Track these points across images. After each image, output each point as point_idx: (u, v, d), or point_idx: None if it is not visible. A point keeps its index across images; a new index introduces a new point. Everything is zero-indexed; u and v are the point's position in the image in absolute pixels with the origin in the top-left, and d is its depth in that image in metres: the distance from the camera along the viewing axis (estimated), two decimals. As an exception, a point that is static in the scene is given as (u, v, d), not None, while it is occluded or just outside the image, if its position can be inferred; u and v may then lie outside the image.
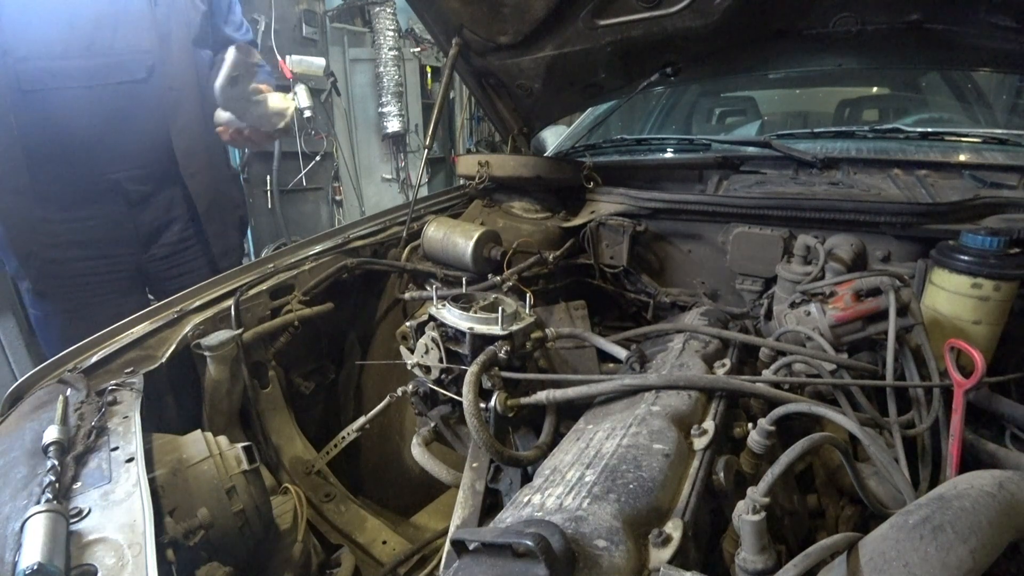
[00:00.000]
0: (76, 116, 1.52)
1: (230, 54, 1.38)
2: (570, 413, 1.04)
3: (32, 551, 0.61)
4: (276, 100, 1.59)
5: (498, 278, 1.51)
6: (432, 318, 1.13)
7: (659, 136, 2.27)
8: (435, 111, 1.89)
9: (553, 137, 2.45)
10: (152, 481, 0.81)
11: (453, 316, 1.10)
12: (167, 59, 1.61)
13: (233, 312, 1.28)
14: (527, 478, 0.94)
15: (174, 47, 1.62)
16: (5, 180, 1.50)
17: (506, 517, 0.70)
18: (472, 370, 0.97)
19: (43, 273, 1.61)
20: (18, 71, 1.44)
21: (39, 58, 1.46)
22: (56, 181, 1.56)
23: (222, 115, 1.62)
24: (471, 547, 0.60)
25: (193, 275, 1.73)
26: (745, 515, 0.62)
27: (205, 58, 1.71)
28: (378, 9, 5.41)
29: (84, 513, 0.71)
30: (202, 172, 1.77)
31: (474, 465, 1.02)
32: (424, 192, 2.36)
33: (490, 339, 1.05)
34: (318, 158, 5.04)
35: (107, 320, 1.18)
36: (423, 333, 1.15)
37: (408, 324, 1.21)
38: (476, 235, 1.54)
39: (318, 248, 1.56)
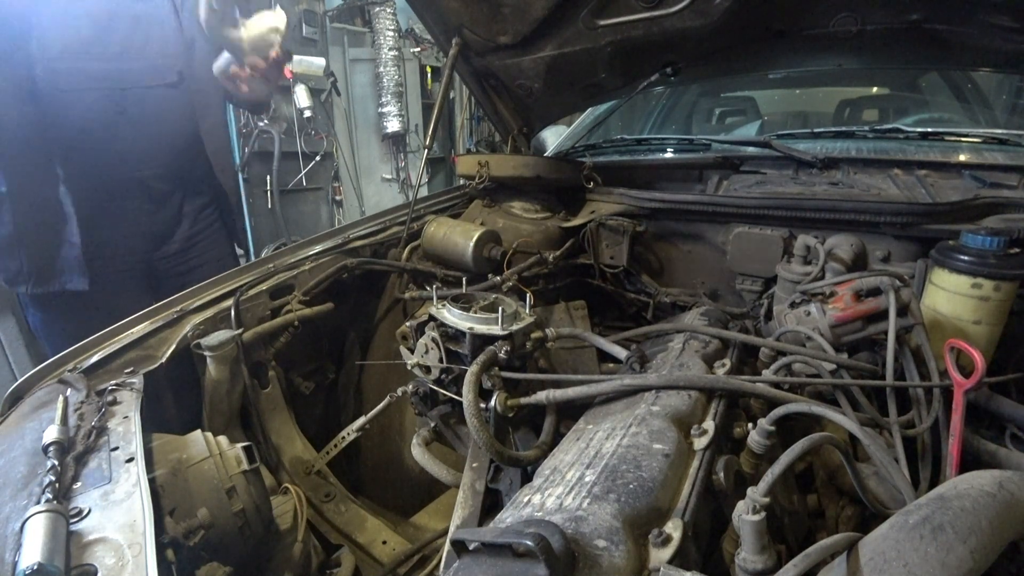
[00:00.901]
0: (108, 117, 1.55)
1: None
2: (570, 413, 1.04)
3: (32, 551, 0.61)
4: (263, 18, 1.52)
5: (498, 278, 1.51)
6: (432, 318, 1.14)
7: (659, 136, 2.27)
8: (435, 111, 1.89)
9: (553, 137, 2.45)
10: (152, 481, 0.81)
11: (453, 316, 1.10)
12: (192, 63, 1.64)
13: (233, 312, 1.28)
14: (527, 478, 0.94)
15: (198, 52, 1.65)
16: (29, 177, 1.51)
17: (506, 517, 0.70)
18: (472, 370, 0.97)
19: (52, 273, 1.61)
20: (53, 71, 1.46)
21: (74, 59, 1.49)
22: (85, 179, 1.57)
23: (220, 61, 1.57)
24: (471, 547, 0.61)
25: (201, 270, 1.77)
26: (745, 515, 0.62)
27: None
28: (378, 9, 5.41)
29: (84, 513, 0.71)
30: (227, 170, 1.83)
31: (474, 465, 1.03)
32: (424, 192, 2.36)
33: (490, 339, 1.05)
34: (318, 158, 5.04)
35: (114, 322, 1.18)
36: (423, 333, 1.15)
37: (408, 324, 1.21)
38: (476, 235, 1.54)
39: (318, 248, 1.56)
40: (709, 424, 0.81)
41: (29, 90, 1.44)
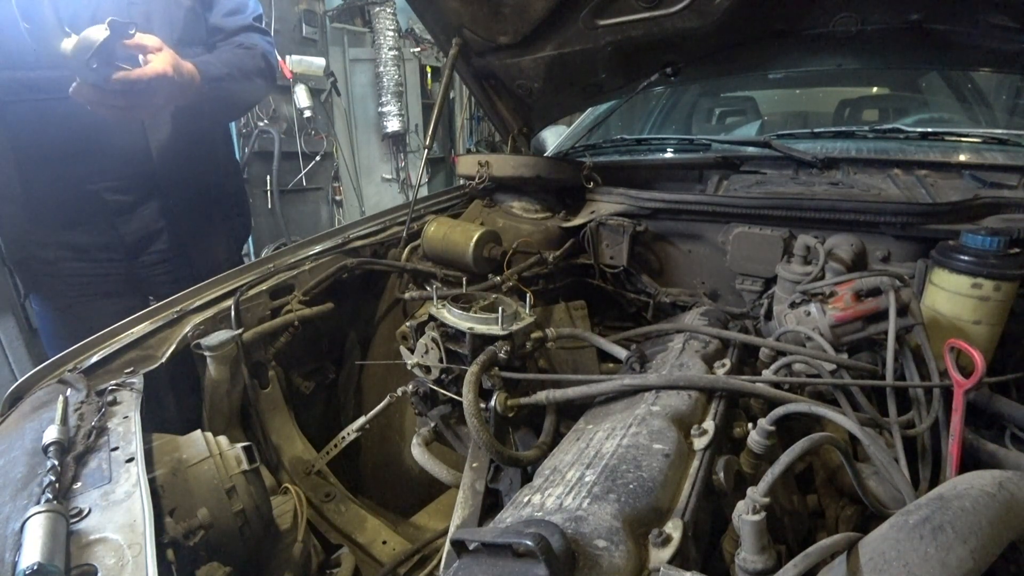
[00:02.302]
0: (52, 128, 1.48)
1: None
2: (570, 413, 1.04)
3: (32, 551, 0.61)
4: (85, 34, 1.22)
5: (498, 278, 1.51)
6: (432, 318, 1.14)
7: (659, 136, 2.28)
8: (435, 111, 1.89)
9: (553, 137, 2.45)
10: (152, 481, 0.81)
11: (453, 316, 1.10)
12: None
13: (233, 312, 1.28)
14: (527, 478, 0.94)
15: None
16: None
17: (506, 517, 0.70)
18: (472, 370, 0.97)
19: (37, 273, 1.61)
20: None
21: (12, 68, 1.42)
22: (41, 192, 1.54)
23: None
24: (471, 547, 0.61)
25: (186, 282, 1.68)
26: (745, 515, 0.62)
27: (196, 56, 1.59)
28: (378, 9, 5.42)
29: (84, 513, 0.71)
30: (187, 183, 1.70)
31: (474, 465, 1.02)
32: (424, 192, 2.36)
33: (490, 339, 1.05)
34: (318, 158, 5.04)
35: (102, 320, 1.17)
36: (423, 333, 1.15)
37: (408, 324, 1.21)
38: (476, 235, 1.54)
39: (318, 248, 1.56)
40: (709, 424, 0.81)
41: None
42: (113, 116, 1.34)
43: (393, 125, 5.75)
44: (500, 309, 1.08)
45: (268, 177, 4.65)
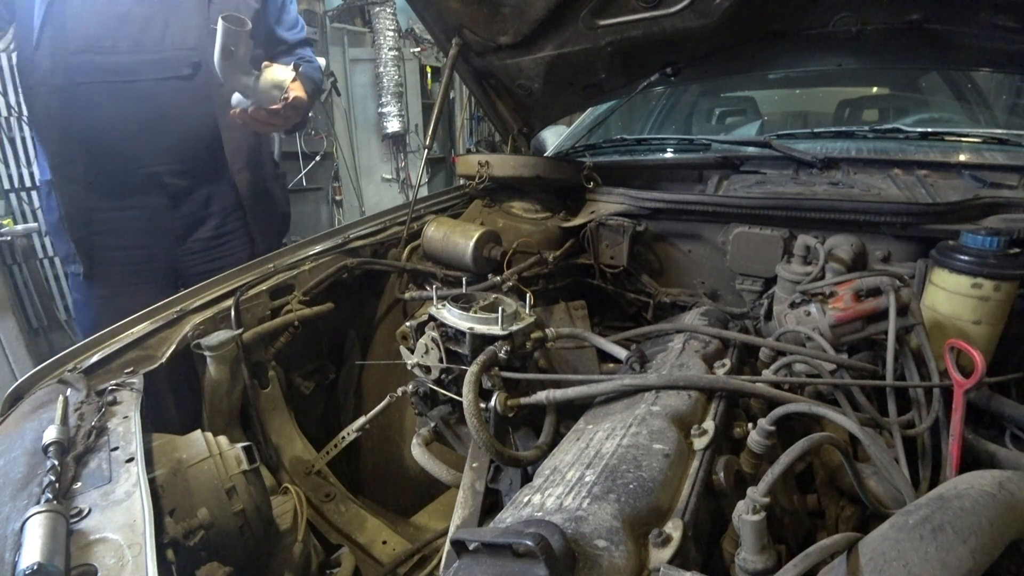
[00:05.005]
0: (120, 110, 1.57)
1: (219, 24, 1.33)
2: (570, 413, 1.04)
3: (32, 551, 0.61)
4: (273, 72, 1.49)
5: (498, 278, 1.51)
6: (432, 318, 1.13)
7: (659, 136, 2.27)
8: (435, 111, 1.89)
9: (553, 137, 2.45)
10: (152, 481, 0.81)
11: (453, 316, 1.10)
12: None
13: (233, 312, 1.28)
14: (527, 478, 0.94)
15: None
16: (63, 167, 1.58)
17: (506, 517, 0.70)
18: (472, 370, 0.97)
19: (89, 259, 1.67)
20: (71, 64, 1.51)
21: (90, 52, 1.53)
22: (103, 171, 1.62)
23: (233, 99, 1.57)
24: (471, 547, 0.60)
25: (226, 269, 1.75)
26: (745, 515, 0.62)
27: (256, 58, 1.66)
28: (378, 9, 5.42)
29: (84, 513, 0.71)
30: (249, 168, 1.80)
31: (474, 465, 1.03)
32: (424, 192, 2.36)
33: (490, 339, 1.04)
34: (318, 158, 5.04)
35: (140, 310, 1.21)
36: (423, 333, 1.15)
37: (408, 324, 1.21)
38: (476, 235, 1.54)
39: (318, 248, 1.56)
40: (709, 424, 0.81)
41: (55, 84, 1.50)
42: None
43: (393, 125, 5.75)
44: (500, 309, 1.08)
45: (268, 177, 4.64)
